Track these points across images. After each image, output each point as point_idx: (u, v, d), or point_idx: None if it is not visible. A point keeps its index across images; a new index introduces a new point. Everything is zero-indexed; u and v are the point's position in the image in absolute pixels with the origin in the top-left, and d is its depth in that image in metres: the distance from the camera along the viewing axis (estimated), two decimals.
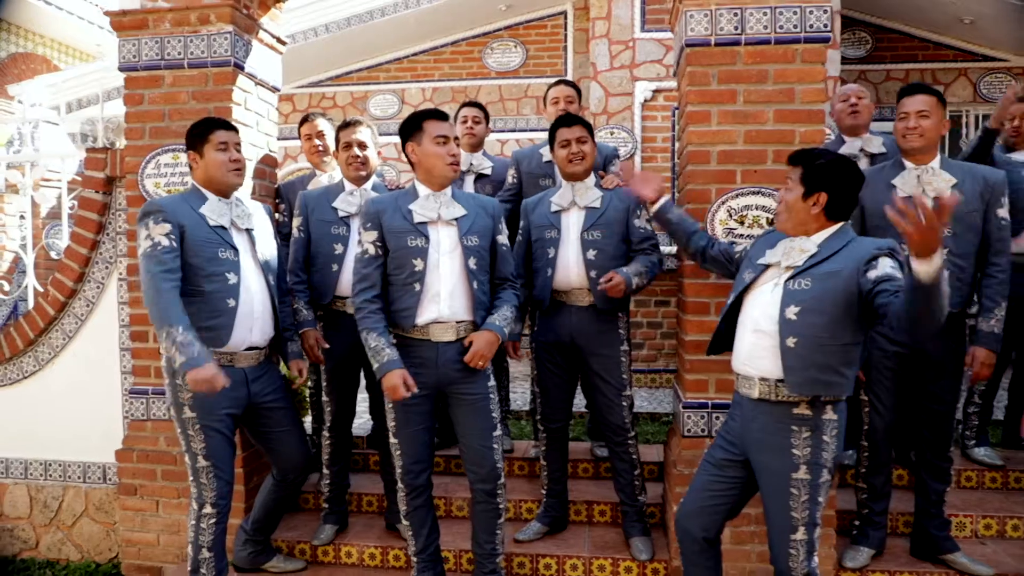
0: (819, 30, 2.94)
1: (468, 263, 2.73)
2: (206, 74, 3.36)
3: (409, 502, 2.84)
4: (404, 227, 2.70)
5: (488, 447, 2.77)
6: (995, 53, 7.05)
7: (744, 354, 2.38)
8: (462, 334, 2.75)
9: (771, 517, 2.36)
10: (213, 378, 2.54)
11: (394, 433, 2.79)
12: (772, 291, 2.35)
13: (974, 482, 3.70)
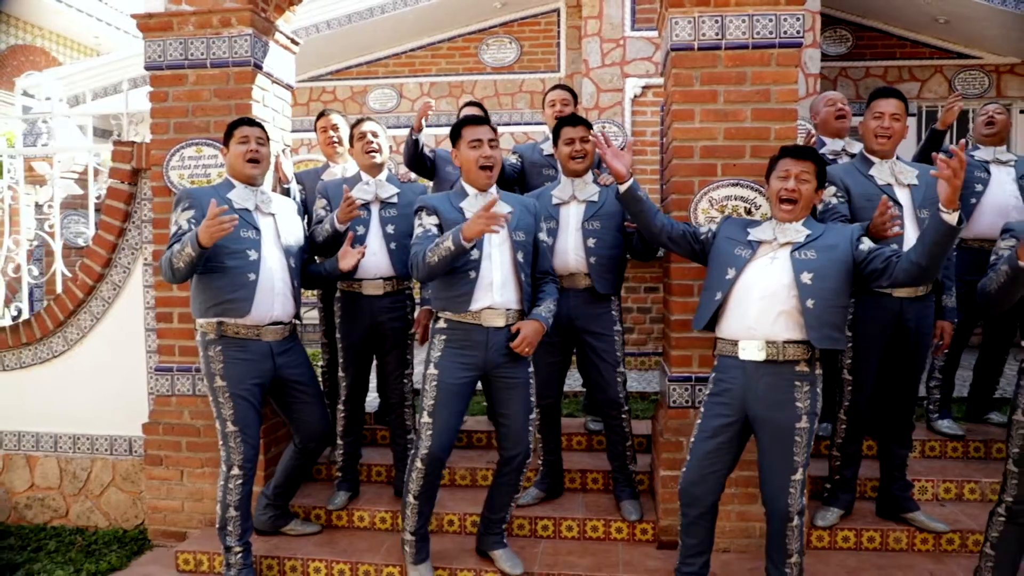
0: (792, 36, 3.21)
1: (516, 256, 2.96)
2: (227, 73, 3.61)
3: (426, 480, 2.96)
4: (459, 219, 2.90)
5: (527, 428, 3.02)
6: (969, 51, 7.35)
7: (751, 319, 2.66)
8: (510, 321, 2.95)
9: (774, 464, 2.69)
10: (214, 216, 2.73)
11: (430, 412, 2.92)
12: (772, 264, 2.68)
13: (937, 451, 4.01)
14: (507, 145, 7.47)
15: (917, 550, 3.35)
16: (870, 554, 3.34)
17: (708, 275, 2.85)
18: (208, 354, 3.06)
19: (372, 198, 3.49)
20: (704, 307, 2.82)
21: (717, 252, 2.82)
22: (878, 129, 3.26)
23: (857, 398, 3.36)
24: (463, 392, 2.97)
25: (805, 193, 2.68)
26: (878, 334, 3.27)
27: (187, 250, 2.83)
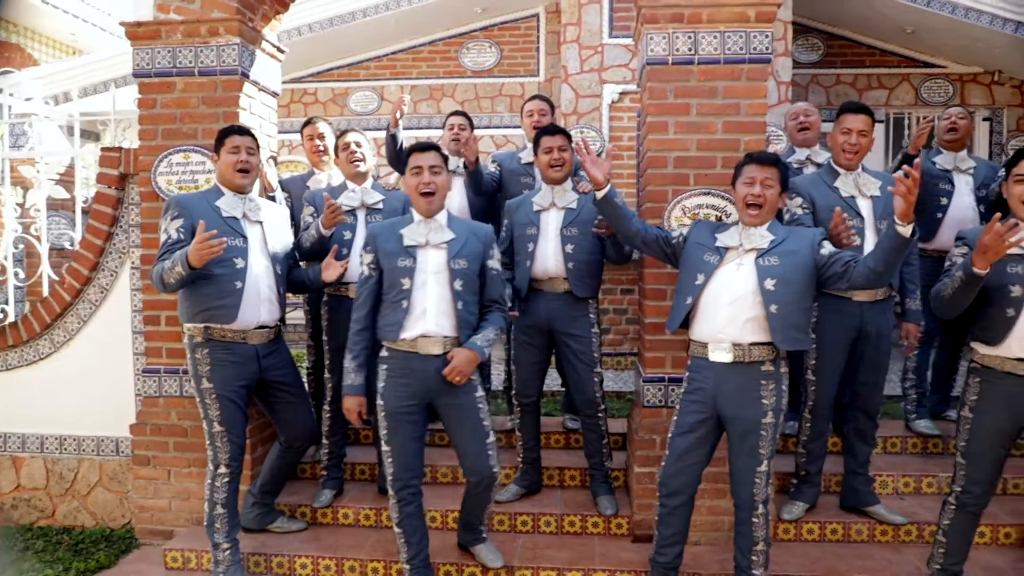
0: (761, 52, 3.36)
1: (454, 284, 2.95)
2: (215, 81, 3.70)
3: (400, 509, 3.01)
4: (395, 249, 2.96)
5: (484, 452, 2.99)
6: (935, 60, 7.60)
7: (720, 324, 2.81)
8: (448, 348, 2.95)
9: (741, 458, 2.84)
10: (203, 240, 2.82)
11: (386, 441, 3.00)
12: (738, 269, 2.83)
13: (898, 448, 4.20)
14: (487, 148, 7.61)
15: (877, 541, 3.53)
16: (833, 545, 3.51)
17: (679, 279, 3.00)
18: (195, 357, 3.15)
19: (358, 205, 3.61)
20: (676, 311, 2.96)
21: (688, 257, 2.96)
22: (846, 144, 3.41)
23: (820, 398, 3.52)
24: (412, 418, 2.98)
25: (770, 198, 2.83)
26: (840, 336, 3.44)
27: (177, 268, 2.93)
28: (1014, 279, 2.67)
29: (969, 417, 2.81)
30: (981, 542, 3.50)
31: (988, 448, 2.78)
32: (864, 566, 3.30)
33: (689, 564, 3.23)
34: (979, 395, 2.78)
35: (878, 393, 3.56)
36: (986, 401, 2.76)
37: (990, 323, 2.73)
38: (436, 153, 3.02)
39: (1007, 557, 3.39)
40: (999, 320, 2.70)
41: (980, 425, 2.78)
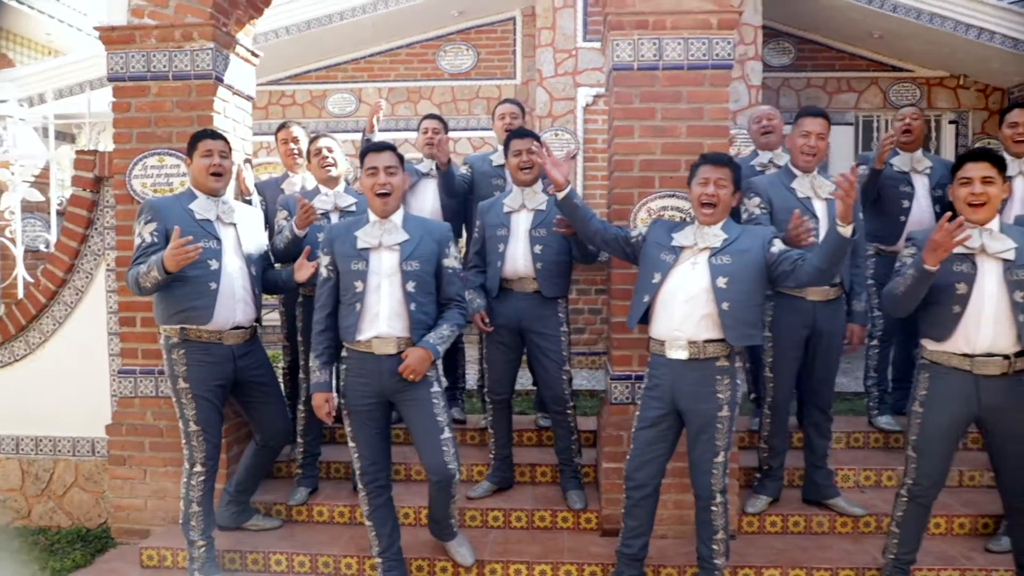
0: (724, 59, 3.46)
1: (406, 286, 2.99)
2: (189, 85, 3.74)
3: (370, 502, 3.09)
4: (349, 252, 3.00)
5: (438, 448, 3.02)
6: (902, 64, 7.77)
7: (676, 322, 2.91)
8: (402, 347, 2.99)
9: (699, 449, 2.95)
10: (178, 246, 2.90)
11: (351, 438, 3.09)
12: (693, 268, 2.92)
13: (861, 443, 4.33)
14: (465, 149, 7.69)
15: (838, 532, 3.64)
16: (795, 537, 3.62)
17: (638, 277, 3.10)
18: (172, 357, 3.20)
19: (331, 208, 3.68)
20: (635, 308, 3.06)
21: (646, 256, 3.06)
22: (804, 147, 3.52)
23: (778, 394, 3.63)
24: (372, 415, 3.05)
25: (723, 197, 2.93)
26: (794, 334, 3.54)
27: (153, 273, 2.99)
28: (959, 277, 2.79)
29: (919, 412, 2.92)
30: (937, 532, 3.62)
31: (938, 441, 2.90)
32: (824, 556, 3.40)
33: (655, 556, 3.33)
34: (928, 390, 2.90)
35: (830, 389, 3.67)
36: (935, 396, 2.88)
37: (938, 320, 2.85)
38: (392, 153, 3.05)
39: (960, 546, 3.51)
40: (946, 317, 2.82)
41: (930, 419, 2.90)
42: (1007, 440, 2.86)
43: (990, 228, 2.80)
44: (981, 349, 2.79)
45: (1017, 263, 2.76)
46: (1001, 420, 2.84)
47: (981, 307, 2.77)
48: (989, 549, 3.41)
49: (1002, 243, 2.78)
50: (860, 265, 3.65)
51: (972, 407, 2.84)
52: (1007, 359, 2.78)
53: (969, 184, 2.77)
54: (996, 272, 2.77)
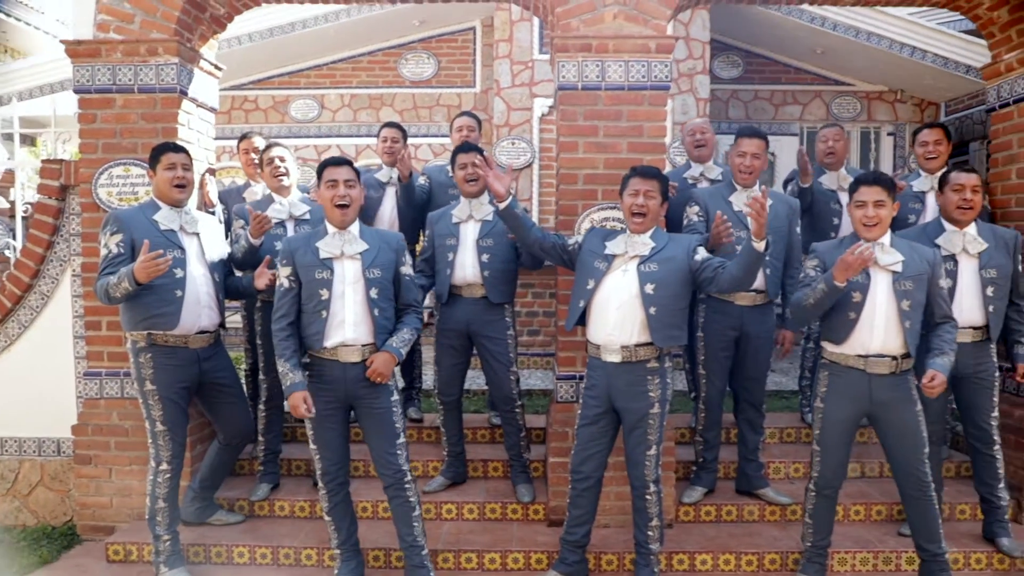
0: (662, 80, 3.73)
1: (370, 293, 3.11)
2: (154, 98, 3.89)
3: (330, 499, 3.23)
4: (312, 262, 3.10)
5: (392, 453, 3.17)
6: (844, 79, 8.16)
7: (610, 326, 3.15)
8: (366, 355, 3.12)
9: (633, 443, 3.20)
10: (149, 259, 3.02)
11: (312, 440, 3.21)
12: (624, 275, 3.17)
13: (793, 437, 4.63)
14: (425, 156, 7.89)
15: (767, 520, 3.92)
16: (728, 525, 3.89)
17: (575, 284, 3.32)
18: (139, 360, 3.35)
19: (286, 216, 3.85)
20: (571, 312, 3.30)
21: (581, 263, 3.29)
22: (741, 165, 3.77)
23: (710, 390, 3.90)
24: (334, 419, 3.17)
25: (652, 208, 3.18)
26: (723, 336, 3.82)
27: (124, 284, 3.12)
28: (855, 287, 3.09)
29: (821, 407, 3.22)
30: (857, 519, 3.93)
31: (838, 435, 3.20)
32: (753, 543, 3.68)
33: (597, 544, 3.58)
34: (828, 387, 3.20)
35: (761, 387, 3.95)
36: (834, 393, 3.18)
37: (836, 325, 3.15)
38: (350, 167, 3.17)
39: (877, 531, 3.82)
40: (844, 322, 3.12)
41: (830, 415, 3.20)
42: (894, 432, 3.17)
43: (882, 243, 3.10)
44: (873, 351, 3.09)
45: (904, 275, 3.07)
46: (888, 414, 3.14)
47: (874, 314, 3.08)
48: (900, 533, 3.73)
49: (892, 256, 3.09)
50: (794, 276, 3.86)
51: (865, 403, 3.14)
52: (895, 359, 3.09)
53: (863, 207, 3.07)
54: (886, 283, 3.08)
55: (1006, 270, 3.53)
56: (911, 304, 3.07)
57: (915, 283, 3.07)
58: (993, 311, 3.52)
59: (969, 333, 3.53)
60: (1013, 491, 3.89)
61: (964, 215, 3.50)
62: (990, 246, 3.52)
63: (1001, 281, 3.52)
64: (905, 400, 3.12)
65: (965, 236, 3.52)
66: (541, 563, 3.57)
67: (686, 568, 3.58)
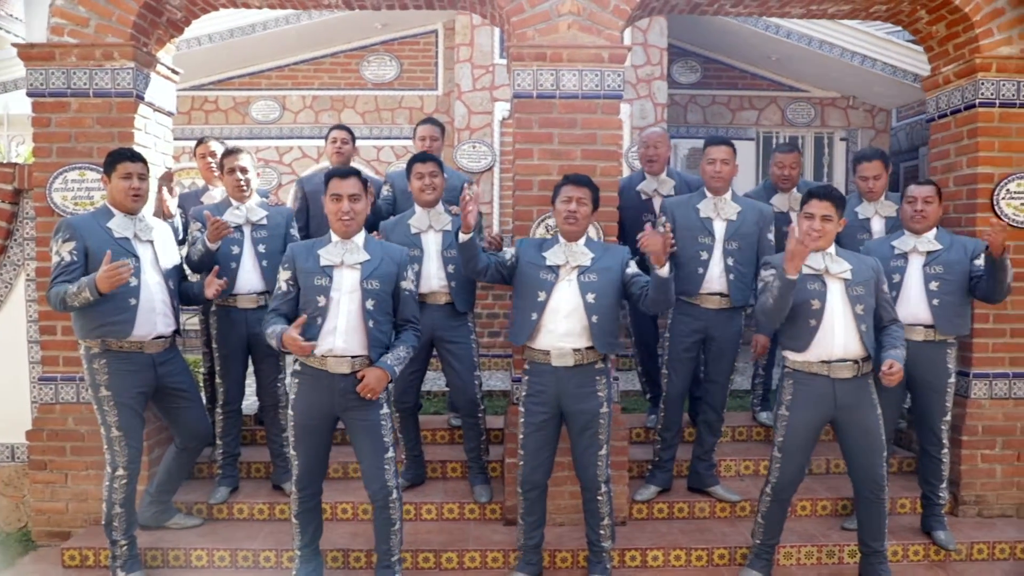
0: (615, 89, 3.82)
1: (366, 304, 3.09)
2: (110, 103, 3.88)
3: (300, 504, 3.23)
4: (313, 268, 3.10)
5: (380, 467, 3.14)
6: (799, 85, 8.36)
7: (560, 333, 3.24)
8: (357, 367, 3.09)
9: (583, 445, 3.28)
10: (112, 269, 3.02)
11: (293, 446, 3.18)
12: (569, 286, 3.26)
13: (744, 436, 4.77)
14: (387, 158, 7.92)
15: (717, 517, 4.05)
16: (679, 522, 4.01)
17: (519, 296, 3.36)
18: (93, 367, 3.34)
19: (244, 221, 3.87)
20: (522, 326, 3.31)
21: (523, 275, 3.34)
22: (711, 172, 3.90)
23: (671, 391, 4.01)
24: (319, 430, 3.16)
25: (584, 214, 3.27)
26: (687, 338, 3.94)
27: (84, 294, 3.11)
28: (813, 295, 3.21)
29: (786, 415, 3.32)
30: (803, 514, 4.08)
31: (803, 442, 3.30)
32: (703, 539, 3.80)
33: (552, 542, 3.67)
34: (793, 395, 3.31)
35: (722, 391, 4.05)
36: (799, 400, 3.29)
37: (797, 333, 3.26)
38: (356, 180, 3.13)
39: (822, 525, 3.96)
40: (805, 330, 3.24)
41: (795, 422, 3.29)
42: (856, 435, 3.28)
43: (830, 253, 3.24)
44: (836, 355, 3.21)
45: (854, 281, 3.21)
46: (851, 417, 3.26)
47: (833, 320, 3.20)
48: (844, 528, 3.88)
49: (841, 265, 3.23)
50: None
51: (830, 408, 3.25)
52: (856, 363, 3.22)
53: (811, 219, 3.20)
54: (840, 290, 3.21)
55: (958, 267, 3.66)
56: (864, 308, 3.21)
57: (865, 288, 3.22)
58: (938, 305, 3.65)
59: (921, 331, 3.68)
60: (950, 486, 4.07)
61: (919, 223, 3.69)
62: (944, 247, 3.68)
63: (949, 277, 3.65)
64: (867, 404, 3.26)
65: (920, 239, 3.71)
66: (497, 562, 3.65)
67: (638, 564, 3.69)
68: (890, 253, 3.72)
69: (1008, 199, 4.08)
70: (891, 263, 3.69)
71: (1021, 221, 4.08)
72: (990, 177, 4.07)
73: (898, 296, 3.67)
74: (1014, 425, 4.11)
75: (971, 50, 4.08)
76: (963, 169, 4.19)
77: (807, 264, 3.21)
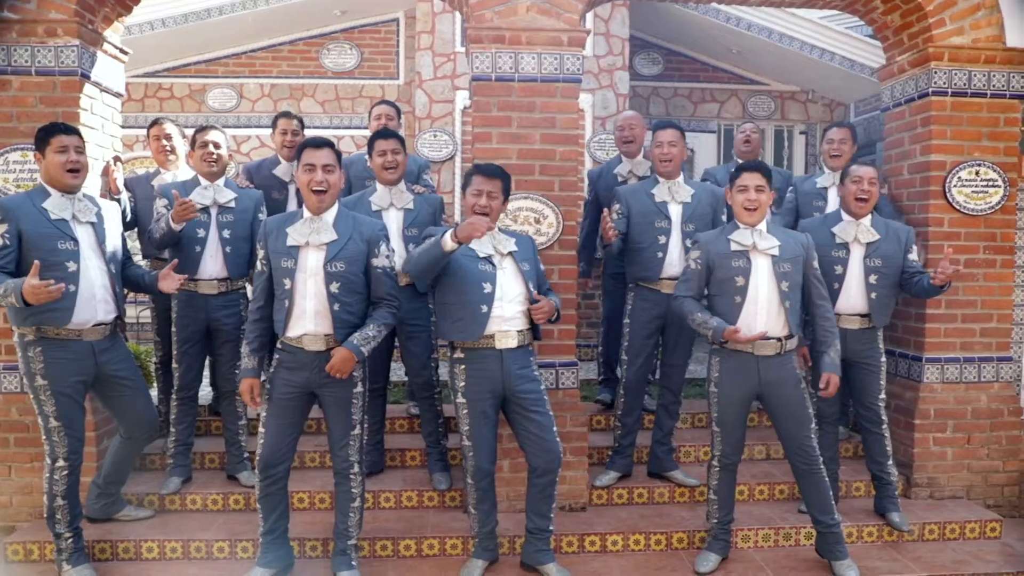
0: (574, 73, 3.80)
1: (330, 287, 3.04)
2: (54, 81, 3.75)
3: (264, 487, 3.15)
4: (281, 249, 3.06)
5: (346, 442, 3.18)
6: (759, 78, 8.44)
7: (507, 318, 3.22)
8: (332, 344, 3.08)
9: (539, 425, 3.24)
10: (41, 286, 2.89)
11: (263, 424, 3.14)
12: (508, 272, 3.25)
13: (704, 422, 4.80)
14: (348, 148, 7.80)
15: (676, 502, 4.07)
16: (639, 507, 4.02)
17: (457, 292, 3.23)
18: (28, 355, 3.18)
19: (210, 203, 3.77)
20: (474, 320, 3.19)
21: (460, 270, 3.21)
22: (659, 155, 3.93)
23: (631, 375, 4.01)
24: (292, 406, 3.14)
25: (495, 207, 3.24)
26: (649, 324, 3.95)
27: (10, 299, 2.95)
28: (738, 271, 3.26)
29: (715, 391, 3.38)
30: (761, 498, 4.12)
31: (734, 415, 3.37)
32: (662, 523, 3.81)
33: (511, 528, 3.65)
34: (720, 372, 3.36)
35: (680, 374, 4.08)
36: (726, 375, 3.34)
37: (723, 310, 3.31)
38: (330, 151, 3.06)
39: (779, 509, 4.00)
40: (730, 307, 3.28)
41: (724, 396, 3.36)
42: (782, 409, 3.34)
43: (760, 229, 3.27)
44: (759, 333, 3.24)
45: (782, 257, 3.26)
46: (775, 393, 3.32)
47: (757, 297, 3.25)
48: (800, 511, 3.92)
49: (769, 241, 3.27)
50: None
51: (754, 383, 3.31)
52: (779, 341, 3.27)
53: (745, 191, 3.25)
54: (767, 266, 3.26)
55: (894, 261, 3.73)
56: (790, 285, 3.25)
57: (792, 265, 3.26)
58: (876, 298, 3.72)
59: (856, 320, 3.74)
60: (903, 468, 4.14)
61: (860, 207, 3.70)
62: (881, 237, 3.72)
63: (886, 271, 3.72)
64: (790, 379, 3.30)
65: (859, 226, 3.72)
66: (456, 548, 3.61)
67: (597, 549, 3.68)
68: (831, 241, 3.72)
69: (960, 187, 4.15)
70: (833, 253, 3.70)
71: (971, 208, 4.16)
72: (942, 165, 4.14)
73: (840, 288, 3.71)
74: (965, 408, 4.19)
75: (924, 39, 4.14)
76: (916, 157, 4.26)
77: (734, 240, 3.24)
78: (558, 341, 3.89)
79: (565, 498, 3.90)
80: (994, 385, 4.22)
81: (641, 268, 3.92)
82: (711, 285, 3.35)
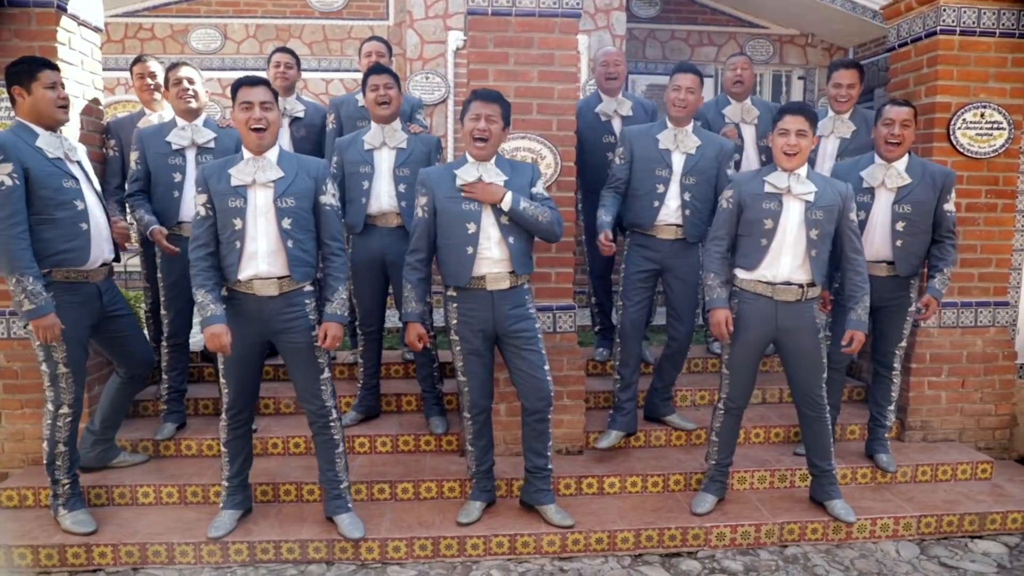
0: (573, 7, 3.66)
1: (282, 223, 2.98)
2: (29, 13, 3.59)
3: (229, 431, 3.20)
4: (226, 190, 2.97)
5: (316, 388, 3.14)
6: (758, 21, 8.24)
7: (496, 259, 3.15)
8: (284, 289, 3.02)
9: (532, 364, 3.21)
10: (54, 326, 2.97)
11: (222, 374, 3.14)
12: (493, 210, 3.13)
13: (700, 367, 4.79)
14: (337, 91, 7.61)
15: (673, 445, 4.08)
16: (636, 450, 4.02)
17: (445, 234, 3.17)
18: None
19: (188, 143, 3.65)
20: (463, 263, 3.15)
21: (445, 213, 3.16)
22: (675, 100, 3.70)
23: (626, 321, 3.92)
24: (248, 356, 3.10)
25: (494, 132, 3.12)
26: (642, 270, 3.85)
27: (24, 299, 2.95)
28: (768, 214, 3.17)
29: (731, 333, 3.31)
30: (756, 441, 4.13)
31: (747, 358, 3.33)
32: (659, 465, 3.82)
33: (508, 470, 3.65)
34: (738, 314, 3.30)
35: (689, 326, 3.94)
36: (743, 318, 3.29)
37: (748, 251, 3.23)
38: (267, 88, 2.99)
39: (774, 452, 4.02)
40: (755, 249, 3.20)
41: (740, 340, 3.31)
42: (796, 356, 3.31)
43: (798, 174, 3.17)
44: (781, 278, 3.19)
45: (816, 204, 3.16)
46: (792, 339, 3.28)
47: (783, 241, 3.17)
48: (796, 453, 3.94)
49: (805, 187, 3.17)
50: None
51: (771, 328, 3.26)
52: (801, 287, 3.21)
53: (786, 135, 3.12)
54: (798, 212, 3.17)
55: (925, 207, 3.57)
56: (819, 234, 3.17)
57: (826, 214, 3.16)
58: (901, 246, 3.60)
59: (884, 268, 3.65)
60: (899, 412, 4.15)
61: (891, 151, 3.54)
62: (913, 182, 3.56)
63: (916, 217, 3.57)
64: (808, 327, 3.26)
65: (889, 170, 3.57)
66: (454, 491, 3.62)
67: (595, 492, 3.69)
68: (857, 185, 3.58)
69: (964, 129, 4.07)
70: (857, 198, 3.55)
71: (975, 151, 4.09)
72: (947, 107, 4.06)
73: (862, 234, 3.54)
74: (960, 353, 4.20)
75: None
76: (921, 99, 4.17)
77: (769, 181, 3.17)
78: (555, 284, 3.83)
79: (562, 441, 3.90)
80: (990, 330, 4.21)
81: (635, 215, 3.82)
82: (740, 225, 3.26)
